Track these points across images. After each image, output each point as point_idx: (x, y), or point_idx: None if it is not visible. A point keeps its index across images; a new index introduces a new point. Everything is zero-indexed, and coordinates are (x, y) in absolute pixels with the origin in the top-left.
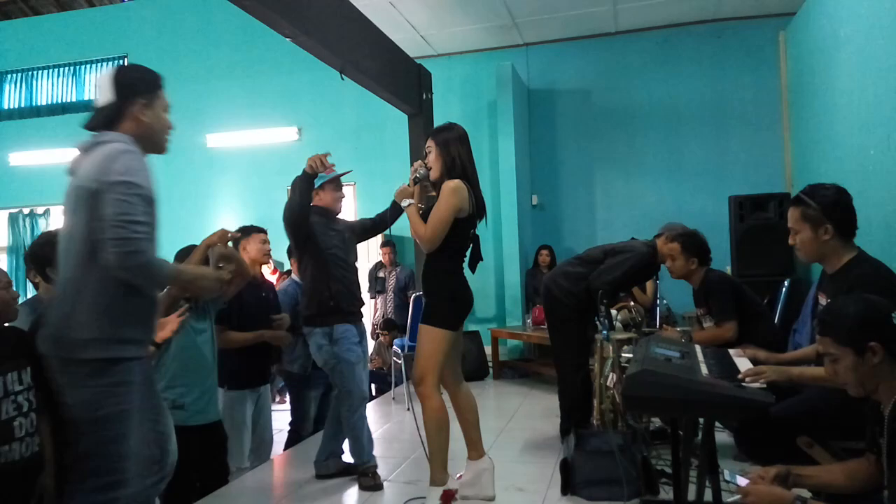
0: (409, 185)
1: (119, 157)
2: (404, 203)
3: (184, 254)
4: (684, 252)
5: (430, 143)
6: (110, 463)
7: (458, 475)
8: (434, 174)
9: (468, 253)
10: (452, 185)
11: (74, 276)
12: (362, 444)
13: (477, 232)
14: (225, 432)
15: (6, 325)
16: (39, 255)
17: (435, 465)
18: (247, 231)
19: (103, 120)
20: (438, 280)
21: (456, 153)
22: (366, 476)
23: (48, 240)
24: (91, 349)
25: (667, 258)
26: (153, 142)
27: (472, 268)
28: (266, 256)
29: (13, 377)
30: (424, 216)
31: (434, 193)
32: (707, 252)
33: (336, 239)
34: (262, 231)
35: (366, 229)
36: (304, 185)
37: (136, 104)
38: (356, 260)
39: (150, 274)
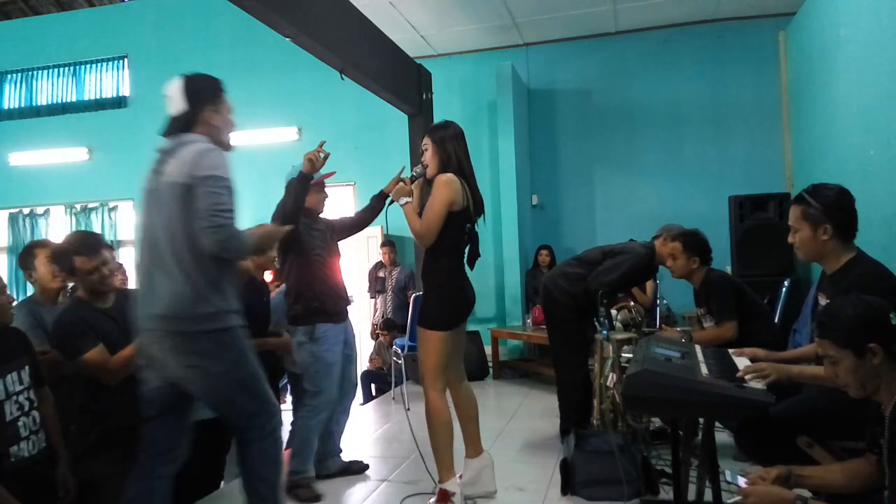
0: (405, 184)
1: (207, 154)
2: (402, 201)
3: None
4: (686, 251)
5: (427, 141)
6: (262, 405)
7: (458, 475)
8: (430, 171)
9: (467, 250)
10: (444, 179)
11: (181, 260)
12: (309, 452)
13: (476, 230)
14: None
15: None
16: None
17: (439, 464)
18: None
19: (179, 126)
20: (434, 279)
21: (452, 150)
22: (304, 487)
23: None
24: (212, 321)
25: (668, 258)
26: (222, 140)
27: (471, 265)
28: (272, 263)
29: (13, 378)
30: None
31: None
32: (708, 251)
33: (318, 239)
34: None
35: (346, 227)
36: (300, 188)
37: (206, 110)
38: (339, 258)
39: (241, 249)
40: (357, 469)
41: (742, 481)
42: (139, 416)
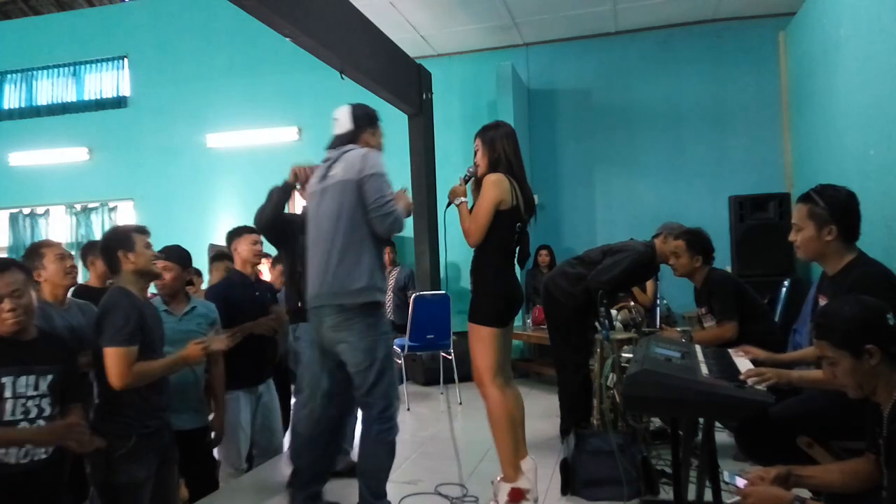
0: (459, 185)
1: (368, 156)
2: (457, 201)
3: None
4: (689, 250)
5: (478, 142)
6: (388, 389)
7: (497, 477)
8: (481, 171)
9: (517, 250)
10: (493, 178)
11: (346, 244)
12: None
13: (527, 229)
14: (207, 441)
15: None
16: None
17: (504, 461)
18: (238, 232)
19: (343, 141)
20: (484, 276)
21: (501, 149)
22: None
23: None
24: (364, 295)
25: (670, 256)
26: None
27: (521, 264)
28: (257, 257)
29: (28, 381)
30: None
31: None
32: (711, 250)
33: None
34: (253, 231)
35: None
36: (280, 197)
37: (366, 132)
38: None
39: (403, 225)
40: None
41: (739, 481)
42: (167, 421)
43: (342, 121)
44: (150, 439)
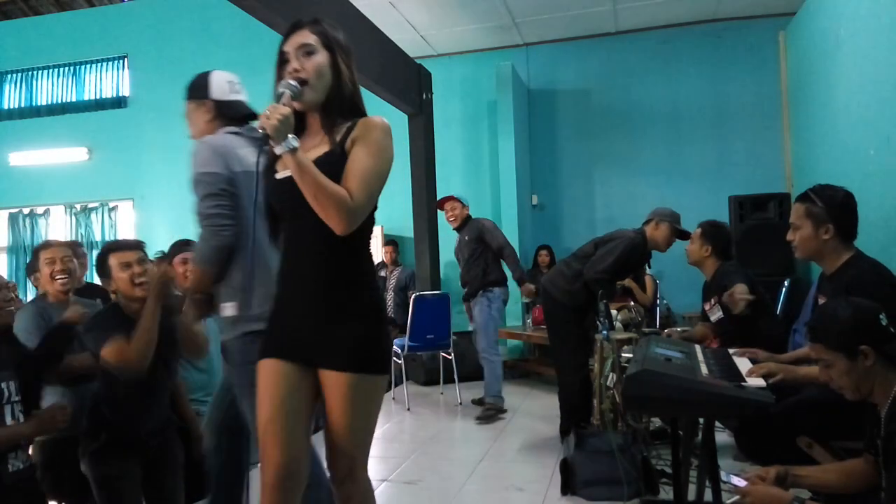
0: (283, 104)
1: (194, 151)
2: (287, 145)
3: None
4: (702, 237)
5: (311, 38)
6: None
7: None
8: (315, 93)
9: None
10: (383, 125)
11: None
12: None
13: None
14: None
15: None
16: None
17: None
18: None
19: None
20: (367, 293)
21: (347, 66)
22: None
23: None
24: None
25: (689, 241)
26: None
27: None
28: None
29: (10, 386)
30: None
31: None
32: (724, 244)
33: None
34: None
35: None
36: None
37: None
38: None
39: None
40: None
41: (735, 479)
42: (148, 426)
43: None
44: (125, 441)
